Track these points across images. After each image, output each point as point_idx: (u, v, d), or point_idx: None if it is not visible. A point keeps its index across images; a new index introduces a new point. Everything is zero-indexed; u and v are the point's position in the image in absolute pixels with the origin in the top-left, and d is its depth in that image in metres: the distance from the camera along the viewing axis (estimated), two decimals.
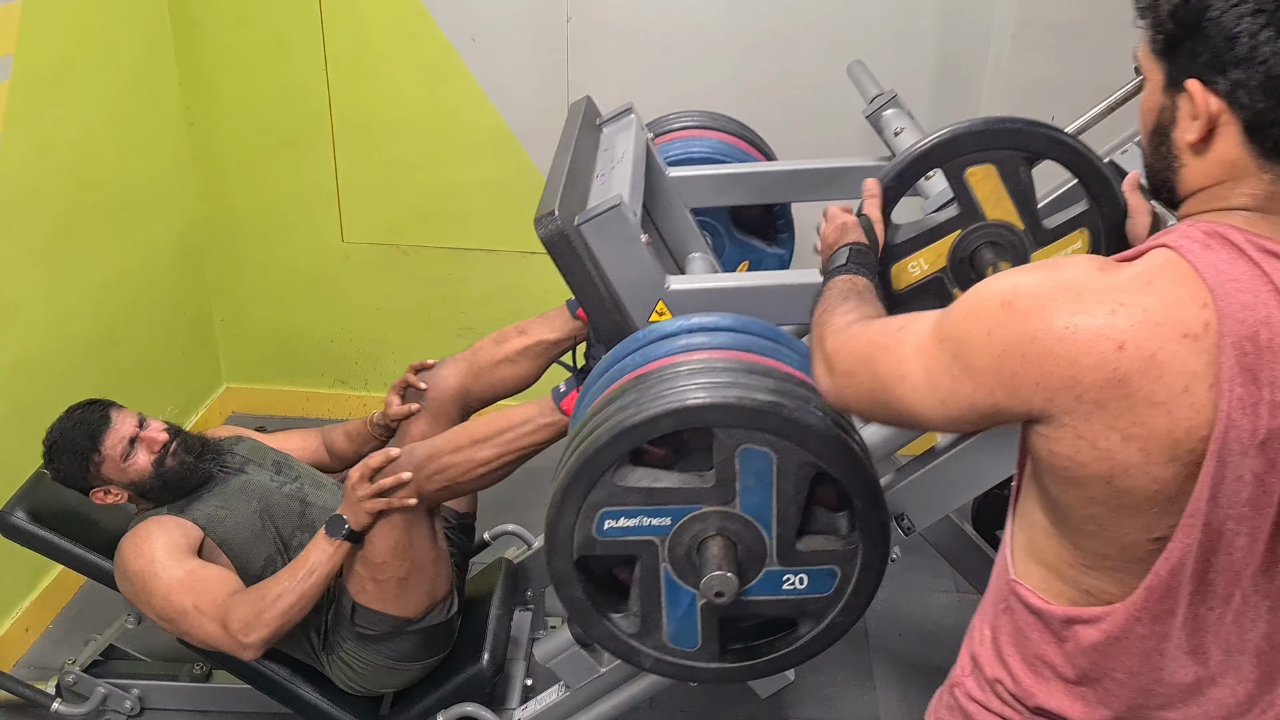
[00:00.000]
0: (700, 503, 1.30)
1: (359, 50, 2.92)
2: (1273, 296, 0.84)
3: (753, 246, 2.31)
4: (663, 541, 1.31)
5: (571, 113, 1.98)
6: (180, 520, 1.95)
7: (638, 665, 1.42)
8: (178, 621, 1.84)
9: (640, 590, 1.35)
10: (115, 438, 1.97)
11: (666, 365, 1.33)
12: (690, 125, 2.34)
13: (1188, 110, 0.91)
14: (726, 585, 1.26)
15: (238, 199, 3.13)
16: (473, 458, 1.83)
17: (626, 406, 1.29)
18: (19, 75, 2.34)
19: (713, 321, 1.41)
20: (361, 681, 2.01)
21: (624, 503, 1.30)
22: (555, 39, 2.85)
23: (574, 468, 1.28)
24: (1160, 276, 0.86)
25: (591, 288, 1.51)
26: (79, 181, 2.59)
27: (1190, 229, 0.90)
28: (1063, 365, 0.85)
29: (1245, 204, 0.90)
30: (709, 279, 1.72)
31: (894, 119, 2.05)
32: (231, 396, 3.40)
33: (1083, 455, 0.87)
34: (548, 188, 1.60)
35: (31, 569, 2.48)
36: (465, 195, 3.06)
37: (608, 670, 1.92)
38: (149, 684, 2.24)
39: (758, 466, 1.28)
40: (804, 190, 2.14)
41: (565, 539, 1.32)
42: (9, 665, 2.39)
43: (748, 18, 2.78)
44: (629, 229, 1.49)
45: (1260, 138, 0.88)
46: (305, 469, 2.18)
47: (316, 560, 1.85)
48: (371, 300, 3.24)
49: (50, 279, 2.52)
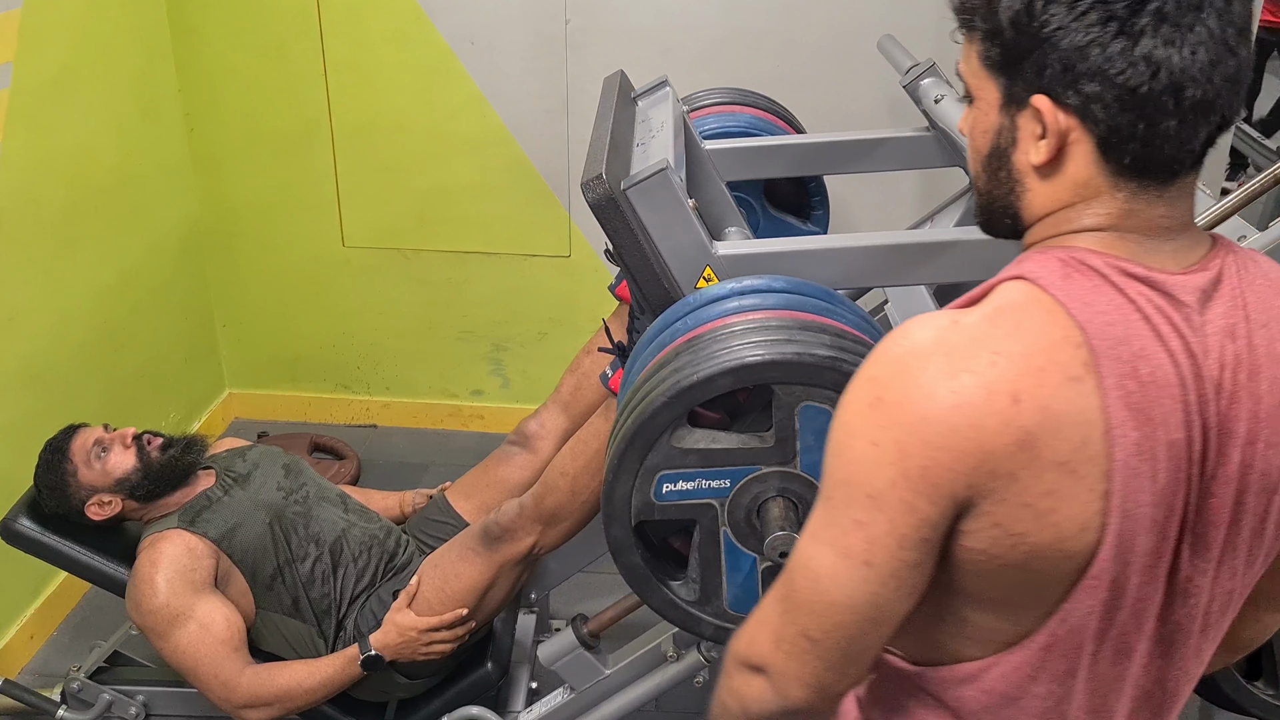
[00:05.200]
0: (760, 463, 1.27)
1: (358, 54, 2.92)
2: (1143, 325, 0.79)
3: (787, 224, 2.28)
4: (722, 504, 1.29)
5: (606, 86, 1.94)
6: (191, 542, 1.92)
7: (698, 634, 1.39)
8: (186, 675, 1.88)
9: (700, 556, 1.32)
10: (80, 442, 2.00)
11: (720, 326, 1.30)
12: (722, 101, 2.30)
13: (1030, 129, 0.82)
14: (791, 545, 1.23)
15: (238, 204, 3.14)
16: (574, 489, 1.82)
17: (682, 368, 1.26)
18: (19, 83, 2.34)
19: (764, 283, 1.37)
20: (369, 693, 2.01)
21: (682, 465, 1.27)
22: (554, 41, 2.85)
23: (629, 431, 1.26)
24: (1027, 317, 0.79)
25: (639, 253, 1.46)
26: (79, 188, 2.59)
27: (1044, 257, 0.82)
28: (969, 438, 0.76)
29: (1099, 223, 0.82)
30: (756, 244, 1.67)
31: (933, 87, 2.02)
32: (234, 402, 3.40)
33: (998, 547, 0.80)
34: (591, 154, 1.56)
35: (36, 576, 2.48)
36: (465, 198, 3.06)
37: (612, 672, 1.92)
38: (154, 690, 2.23)
39: (818, 424, 1.24)
40: (839, 162, 2.10)
41: (623, 505, 1.29)
42: (14, 673, 2.39)
43: (746, 21, 2.78)
44: (676, 193, 1.45)
45: (1116, 153, 0.80)
46: (313, 475, 2.16)
47: (333, 676, 1.88)
48: (372, 304, 3.24)
49: (51, 286, 2.52)
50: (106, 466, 1.98)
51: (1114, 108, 0.78)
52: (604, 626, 1.93)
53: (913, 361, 0.79)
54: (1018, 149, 0.84)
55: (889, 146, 2.07)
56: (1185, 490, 0.81)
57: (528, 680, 2.18)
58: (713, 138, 2.11)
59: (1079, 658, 0.86)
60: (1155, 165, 0.80)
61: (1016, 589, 0.83)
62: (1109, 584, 0.81)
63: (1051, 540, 0.79)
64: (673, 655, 1.88)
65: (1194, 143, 0.80)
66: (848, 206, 2.76)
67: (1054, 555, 0.80)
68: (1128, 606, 0.84)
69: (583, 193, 1.44)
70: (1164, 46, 0.76)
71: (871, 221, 2.84)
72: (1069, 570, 0.81)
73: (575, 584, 2.31)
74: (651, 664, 1.91)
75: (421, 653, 1.87)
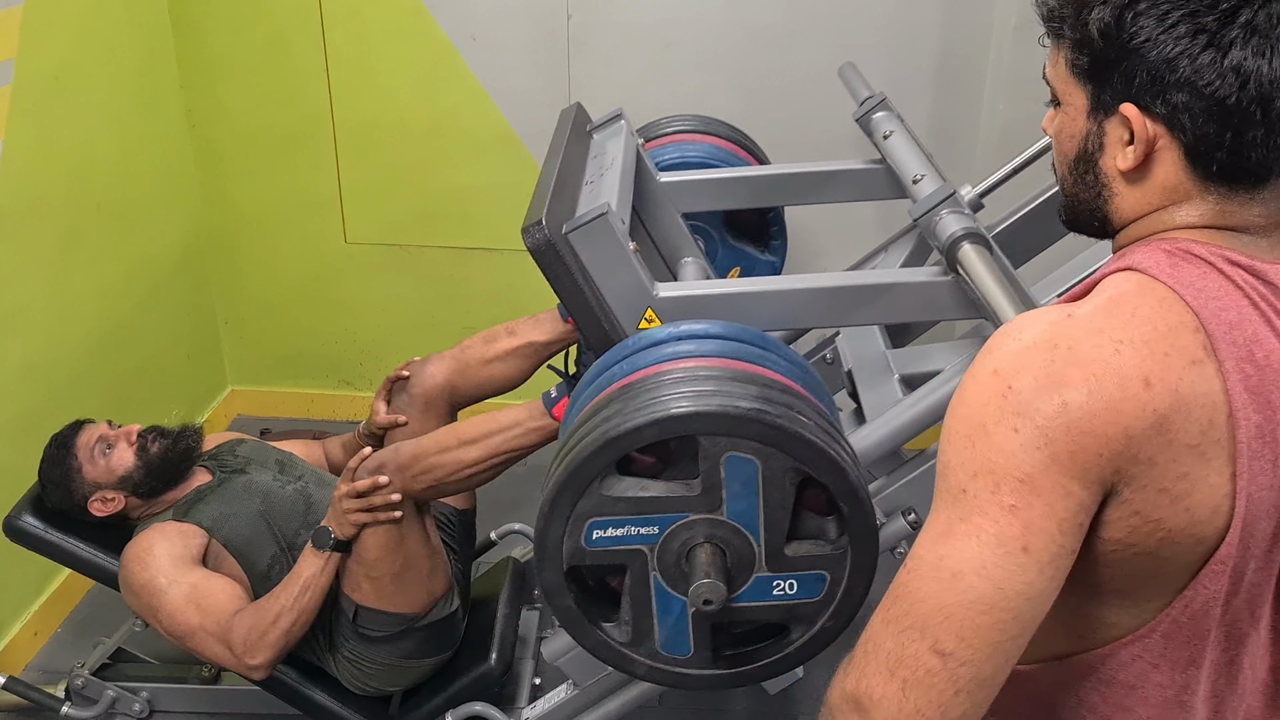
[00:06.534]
0: (688, 510, 1.29)
1: (360, 51, 2.92)
2: (1252, 311, 0.80)
3: (745, 252, 2.31)
4: (652, 550, 1.31)
5: (561, 119, 1.99)
6: (182, 526, 1.95)
7: (631, 674, 1.42)
8: (186, 640, 1.85)
9: (631, 599, 1.35)
10: (85, 438, 2.01)
11: (652, 374, 1.33)
12: (682, 130, 2.33)
13: (1117, 136, 0.84)
14: (715, 593, 1.26)
15: (240, 201, 3.13)
16: (460, 459, 1.83)
17: (612, 416, 1.29)
18: (20, 80, 2.34)
19: (701, 329, 1.40)
20: (368, 681, 2.01)
21: (612, 512, 1.29)
22: (556, 37, 2.85)
23: (561, 478, 1.28)
24: (1142, 304, 0.80)
25: (580, 296, 1.51)
26: (82, 186, 2.59)
27: (1150, 248, 0.84)
28: (1110, 422, 0.76)
29: (1194, 222, 0.84)
30: (698, 285, 1.72)
31: (884, 122, 2.03)
32: (236, 399, 3.40)
33: (1136, 535, 0.80)
34: (535, 196, 1.61)
35: (39, 573, 2.48)
36: (467, 195, 3.05)
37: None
38: (157, 687, 2.24)
39: (744, 473, 1.27)
40: (796, 194, 2.13)
41: (555, 550, 1.31)
42: (18, 669, 2.39)
43: (749, 14, 2.78)
44: (616, 237, 1.49)
45: (1204, 162, 0.81)
46: (308, 467, 2.18)
47: (309, 575, 1.85)
48: (375, 301, 3.24)
49: (54, 284, 2.52)
50: (110, 463, 1.98)
51: (1201, 118, 0.80)
52: None
53: (1036, 353, 0.79)
54: (1105, 154, 0.86)
55: (843, 178, 2.09)
56: None
57: (531, 676, 2.18)
58: (671, 168, 2.15)
59: (1202, 646, 0.86)
60: (1243, 172, 0.82)
61: (1145, 578, 0.84)
62: (1232, 569, 0.81)
63: (1185, 525, 0.79)
64: None
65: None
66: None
67: (1186, 540, 0.80)
68: (1244, 593, 0.84)
69: (522, 237, 1.46)
70: (1254, 58, 0.77)
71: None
72: (1197, 556, 0.81)
73: None
74: None
75: (351, 521, 1.83)
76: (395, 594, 1.92)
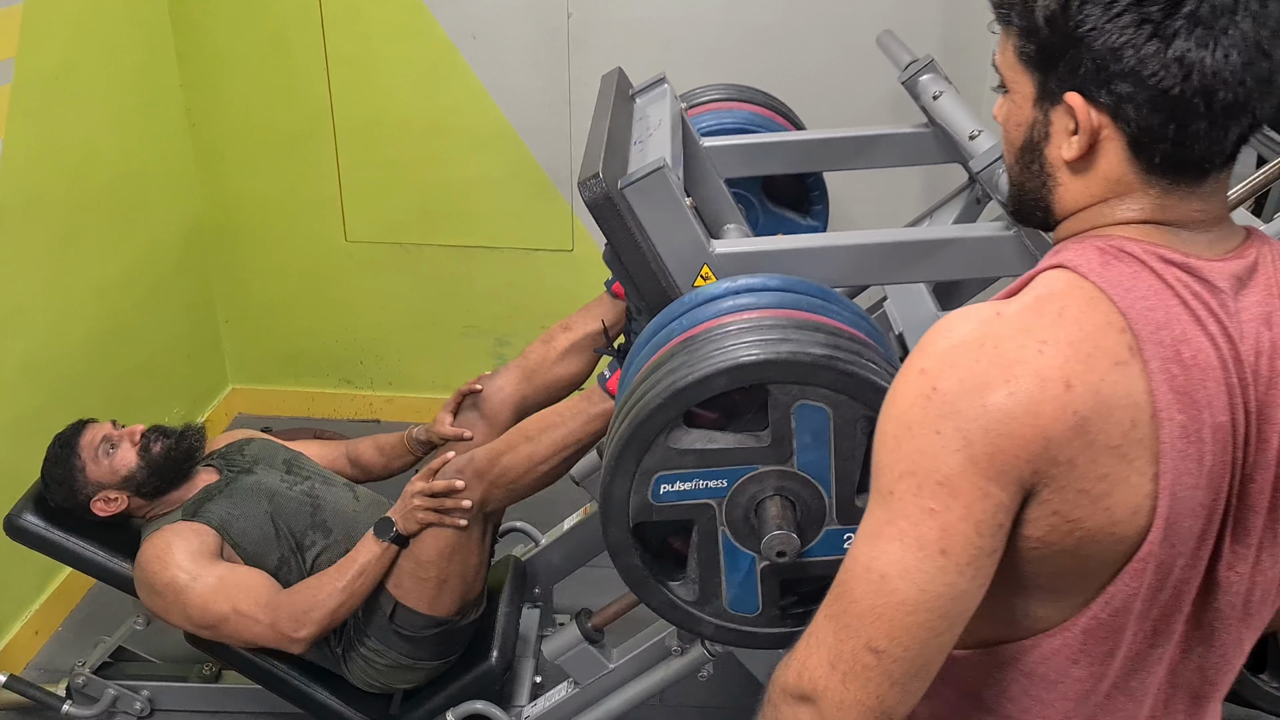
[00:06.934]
0: (757, 463, 1.27)
1: (360, 49, 2.92)
2: (1182, 310, 0.80)
3: (786, 218, 2.28)
4: (720, 504, 1.29)
5: (604, 84, 1.94)
6: (195, 525, 1.95)
7: (698, 633, 1.39)
8: (219, 627, 1.85)
9: (698, 556, 1.32)
10: (90, 437, 2.00)
11: (715, 326, 1.30)
12: (720, 98, 2.30)
13: (1063, 125, 0.83)
14: (788, 544, 1.23)
15: (241, 200, 3.13)
16: (531, 456, 1.82)
17: (677, 369, 1.26)
18: (20, 78, 2.34)
19: (759, 282, 1.37)
20: (379, 679, 2.01)
21: (679, 466, 1.27)
22: (556, 35, 2.85)
23: (626, 433, 1.26)
24: (1069, 304, 0.80)
25: (636, 252, 1.46)
26: (82, 184, 2.59)
27: (1082, 246, 0.83)
28: (1028, 424, 0.77)
29: (1133, 217, 0.83)
30: (754, 242, 1.67)
31: (932, 83, 2.01)
32: (237, 398, 3.41)
33: (1055, 534, 0.81)
34: (588, 153, 1.56)
35: (40, 572, 2.48)
36: (468, 193, 3.05)
37: (616, 666, 1.92)
38: (158, 685, 2.24)
39: (814, 423, 1.24)
40: (837, 159, 2.10)
41: (620, 506, 1.29)
42: (19, 668, 2.39)
43: (748, 12, 2.78)
44: (672, 192, 1.45)
45: (1147, 153, 0.81)
46: (316, 467, 2.17)
47: (365, 561, 1.86)
48: (376, 299, 3.24)
49: (54, 282, 2.52)
50: (114, 463, 1.98)
51: (1145, 108, 0.79)
52: (608, 621, 1.93)
53: (963, 352, 0.80)
54: (1050, 143, 0.85)
55: (887, 143, 2.06)
56: (1230, 475, 0.82)
57: (532, 674, 2.18)
58: (710, 134, 2.11)
59: (1119, 640, 0.86)
60: (1186, 165, 0.81)
61: (1066, 575, 0.84)
62: (1155, 567, 0.82)
63: (1105, 524, 0.80)
64: (677, 649, 1.88)
65: (1224, 143, 0.81)
66: (848, 202, 2.76)
67: (1106, 539, 0.81)
68: (1169, 588, 0.84)
69: (580, 192, 1.44)
70: (1197, 49, 0.77)
71: (872, 217, 2.83)
72: (1118, 554, 0.82)
73: (580, 578, 2.31)
74: (656, 658, 1.91)
75: (418, 519, 1.84)
76: (436, 597, 1.92)
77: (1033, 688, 0.90)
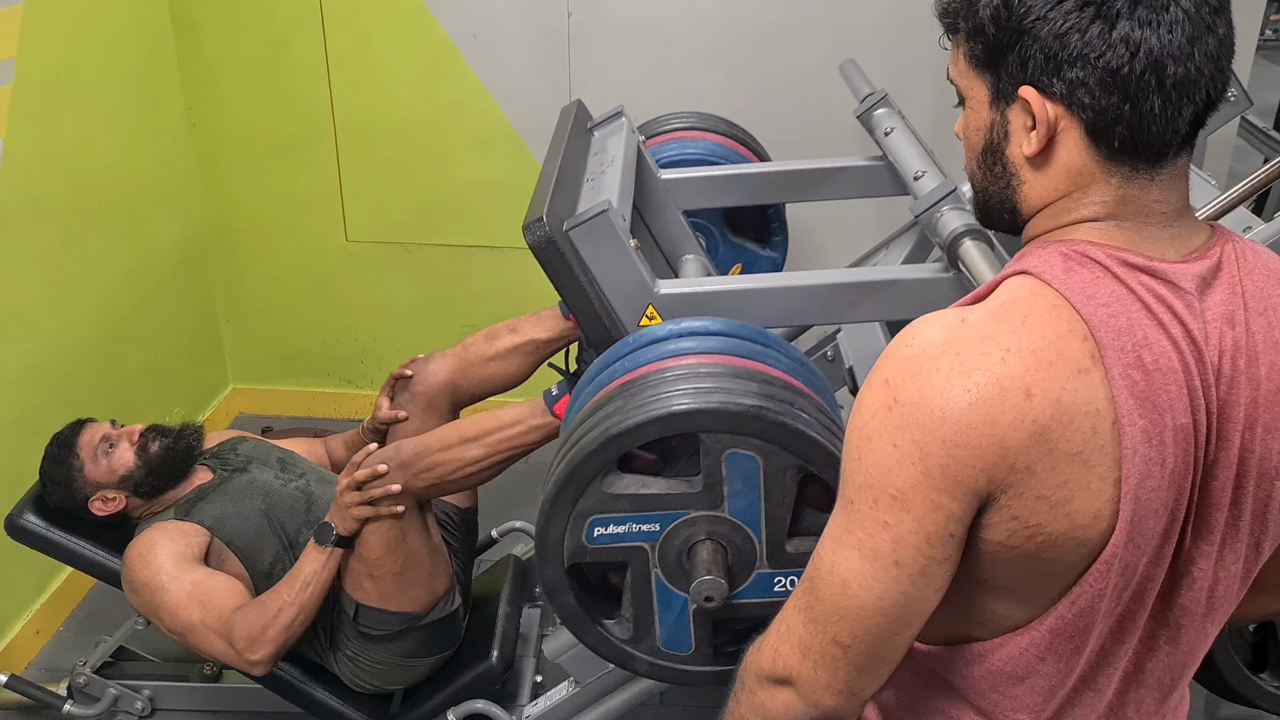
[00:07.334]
0: (689, 508, 1.30)
1: (360, 49, 2.92)
2: (1144, 315, 0.80)
3: (746, 248, 2.31)
4: (653, 547, 1.31)
5: (562, 116, 1.98)
6: (184, 525, 1.95)
7: (633, 671, 1.42)
8: (187, 636, 1.85)
9: (632, 596, 1.36)
10: (88, 437, 2.01)
11: (653, 371, 1.33)
12: (683, 127, 2.33)
13: (1020, 122, 0.84)
14: (716, 590, 1.26)
15: (241, 200, 3.14)
16: (462, 456, 1.82)
17: (613, 414, 1.29)
18: (21, 79, 2.34)
19: (701, 326, 1.41)
20: (369, 679, 2.01)
21: (613, 510, 1.30)
22: (556, 35, 2.85)
23: (562, 476, 1.29)
24: (1033, 311, 0.80)
25: (581, 293, 1.51)
26: (82, 185, 2.59)
27: (1046, 251, 0.84)
28: (986, 434, 0.78)
29: (1097, 213, 0.84)
30: (699, 283, 1.72)
31: (885, 119, 2.02)
32: (238, 397, 3.41)
33: (1015, 539, 0.82)
34: (536, 193, 1.60)
35: (41, 572, 2.49)
36: (468, 193, 3.06)
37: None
38: (159, 685, 2.24)
39: (745, 470, 1.27)
40: (797, 191, 2.13)
41: (556, 547, 1.32)
42: (20, 668, 2.39)
43: (748, 12, 2.78)
44: (616, 234, 1.49)
45: (1105, 138, 0.81)
46: (310, 465, 2.18)
47: (311, 570, 1.85)
48: (376, 299, 3.24)
49: (55, 283, 2.52)
50: (112, 463, 1.99)
51: (1097, 91, 0.80)
52: None
53: (924, 362, 0.80)
54: (1010, 142, 0.86)
55: (844, 175, 2.08)
56: (1193, 473, 0.83)
57: (533, 674, 2.18)
58: (672, 165, 2.14)
59: (1086, 638, 0.87)
60: (1144, 147, 0.82)
61: (1029, 577, 0.85)
62: (1119, 568, 0.83)
63: (1066, 529, 0.81)
64: None
65: (1179, 122, 0.81)
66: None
67: (1068, 544, 0.82)
68: (1134, 587, 0.85)
69: (523, 234, 1.46)
70: (1140, 28, 0.78)
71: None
72: (1081, 557, 0.82)
73: None
74: None
75: (353, 515, 1.83)
76: (397, 593, 1.92)
77: (1001, 683, 0.92)
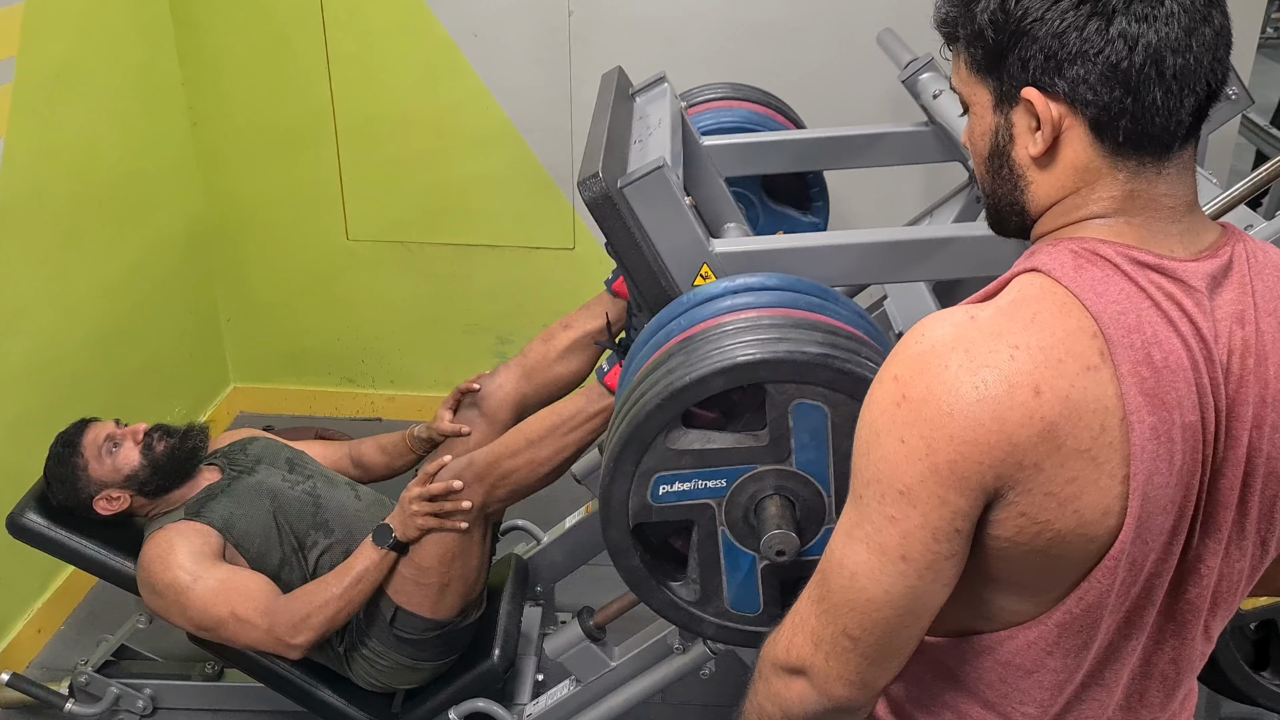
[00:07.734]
0: (755, 462, 1.27)
1: (361, 48, 2.92)
2: (1154, 312, 0.81)
3: (787, 216, 2.28)
4: (719, 504, 1.29)
5: (604, 82, 1.94)
6: (197, 525, 1.95)
7: (700, 633, 1.39)
8: (217, 630, 1.85)
9: (699, 556, 1.32)
10: (92, 436, 2.00)
11: (713, 326, 1.30)
12: (720, 96, 2.31)
13: (1024, 124, 0.85)
14: (788, 543, 1.23)
15: (242, 198, 3.14)
16: (533, 459, 1.82)
17: (675, 369, 1.26)
18: (22, 77, 2.34)
19: (758, 281, 1.37)
20: (382, 678, 2.01)
21: (678, 466, 1.27)
22: (557, 33, 2.84)
23: (624, 434, 1.26)
24: (1042, 309, 0.81)
25: (636, 251, 1.47)
26: (84, 183, 2.59)
27: (1056, 249, 0.84)
28: (994, 430, 0.78)
29: (1105, 209, 0.84)
30: (753, 241, 1.67)
31: (931, 82, 2.01)
32: (239, 396, 3.41)
33: (1024, 535, 0.82)
34: (588, 152, 1.56)
35: (43, 570, 2.49)
36: (469, 191, 3.05)
37: (618, 664, 1.92)
38: (161, 683, 2.24)
39: (812, 422, 1.25)
40: (837, 157, 2.10)
41: (620, 507, 1.29)
42: (22, 666, 2.39)
43: (750, 10, 2.78)
44: (672, 191, 1.45)
45: (1110, 132, 0.82)
46: (318, 467, 2.17)
47: (363, 568, 1.86)
48: (377, 298, 3.24)
49: (56, 281, 2.52)
50: (117, 462, 1.98)
51: (1099, 86, 0.80)
52: (610, 619, 1.93)
53: (934, 358, 0.81)
54: (1016, 144, 0.87)
55: (887, 141, 2.06)
56: (1201, 471, 0.83)
57: (534, 673, 2.18)
58: (710, 133, 2.12)
59: (1094, 633, 0.88)
60: (1149, 139, 0.82)
61: (1038, 572, 0.86)
62: (1127, 564, 0.83)
63: (1074, 526, 0.81)
64: (679, 647, 1.88)
65: (1182, 113, 0.81)
66: (848, 200, 2.76)
67: (1076, 540, 0.82)
68: (1141, 583, 0.86)
69: (579, 191, 1.44)
70: (1137, 23, 0.79)
71: (872, 216, 2.84)
72: (1090, 553, 0.83)
73: (581, 576, 2.32)
74: (658, 656, 1.91)
75: (417, 525, 1.84)
76: (438, 600, 1.92)
77: (1009, 675, 0.92)
